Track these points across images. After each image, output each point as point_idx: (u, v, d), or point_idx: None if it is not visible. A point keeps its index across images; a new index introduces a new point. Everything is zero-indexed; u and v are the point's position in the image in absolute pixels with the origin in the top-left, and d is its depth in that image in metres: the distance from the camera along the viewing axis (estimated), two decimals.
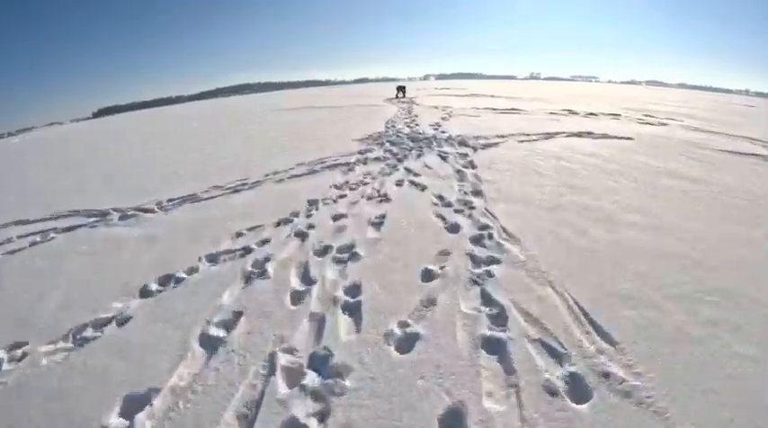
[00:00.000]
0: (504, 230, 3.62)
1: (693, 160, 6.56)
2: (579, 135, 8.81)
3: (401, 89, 23.15)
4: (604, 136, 8.81)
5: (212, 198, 5.36)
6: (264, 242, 3.76)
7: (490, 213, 4.02)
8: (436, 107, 15.60)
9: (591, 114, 12.73)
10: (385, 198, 4.64)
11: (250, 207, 4.75)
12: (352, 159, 6.94)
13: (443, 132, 9.35)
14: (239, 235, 3.99)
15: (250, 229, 4.09)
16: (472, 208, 4.18)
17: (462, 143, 7.78)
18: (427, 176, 5.56)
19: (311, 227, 4.00)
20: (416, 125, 10.81)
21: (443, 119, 11.85)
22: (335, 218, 4.17)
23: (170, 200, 5.41)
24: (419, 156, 6.92)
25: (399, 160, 6.72)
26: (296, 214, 4.38)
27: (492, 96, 21.76)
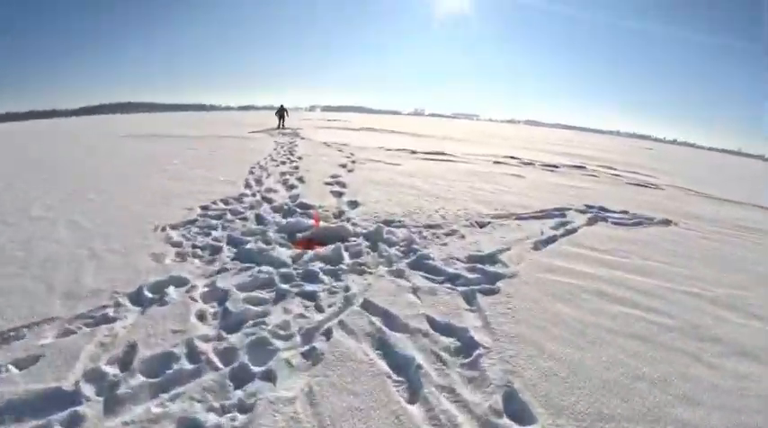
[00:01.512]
0: None
1: None
2: (602, 217, 4.89)
3: (282, 114, 17.47)
4: (627, 215, 5.12)
5: None
6: None
7: None
8: (328, 145, 10.97)
9: (550, 166, 9.33)
10: None
11: None
12: (80, 363, 1.81)
13: (356, 206, 4.69)
14: None
15: None
16: None
17: (419, 262, 3.12)
18: None
19: None
20: (301, 182, 5.98)
21: (346, 168, 7.21)
22: None
23: None
24: (315, 361, 2.03)
25: (241, 384, 1.81)
26: None
27: (393, 132, 18.01)
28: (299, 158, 8.12)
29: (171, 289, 2.59)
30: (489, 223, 4.24)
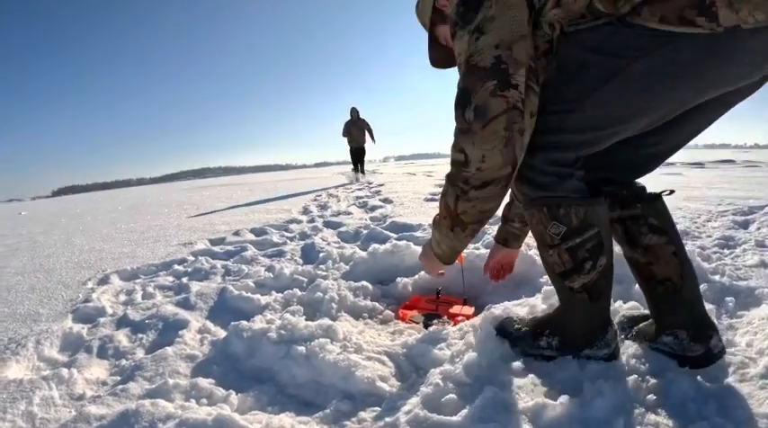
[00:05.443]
0: None
1: None
2: None
3: (358, 136, 8.95)
4: None
5: None
6: None
7: None
8: (413, 174, 8.55)
9: (695, 164, 6.39)
10: None
11: None
12: None
13: None
14: None
15: None
16: None
17: None
18: None
19: None
20: (388, 203, 3.78)
21: None
22: None
23: None
24: None
25: None
26: None
27: None
28: (381, 185, 6.04)
29: None
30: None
